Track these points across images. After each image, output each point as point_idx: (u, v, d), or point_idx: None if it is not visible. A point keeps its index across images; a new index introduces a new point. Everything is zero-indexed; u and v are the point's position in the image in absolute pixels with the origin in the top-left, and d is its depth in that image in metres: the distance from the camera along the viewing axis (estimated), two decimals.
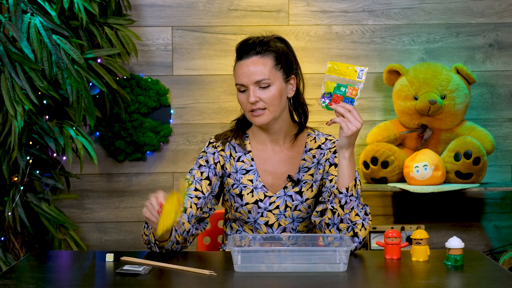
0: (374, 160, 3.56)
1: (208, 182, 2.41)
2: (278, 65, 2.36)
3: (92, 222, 3.75)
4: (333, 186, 2.35)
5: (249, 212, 2.42)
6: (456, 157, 3.54)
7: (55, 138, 3.18)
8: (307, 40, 3.72)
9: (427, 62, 3.69)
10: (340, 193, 2.28)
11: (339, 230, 2.28)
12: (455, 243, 2.12)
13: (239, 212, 2.44)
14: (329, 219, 2.30)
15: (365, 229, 2.29)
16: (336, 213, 2.28)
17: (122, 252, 2.27)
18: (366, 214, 2.30)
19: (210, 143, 2.48)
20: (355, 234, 2.28)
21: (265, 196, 2.42)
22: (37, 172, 3.28)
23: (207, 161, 2.44)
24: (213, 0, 3.70)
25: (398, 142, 3.69)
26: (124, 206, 3.75)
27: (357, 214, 2.28)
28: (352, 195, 2.27)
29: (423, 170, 3.50)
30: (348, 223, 2.28)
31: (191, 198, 2.37)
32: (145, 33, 3.69)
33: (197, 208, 2.37)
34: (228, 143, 2.46)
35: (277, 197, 2.41)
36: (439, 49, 3.76)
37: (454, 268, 2.09)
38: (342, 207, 2.28)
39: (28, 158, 3.22)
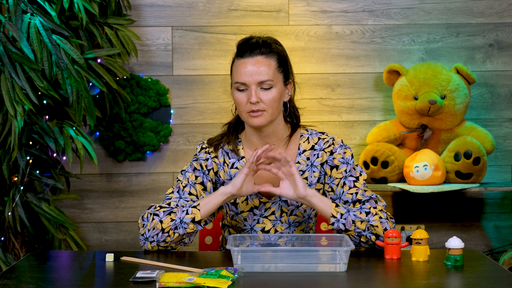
0: (374, 160, 3.56)
1: (202, 187, 2.38)
2: (280, 68, 2.33)
3: (92, 222, 3.75)
4: (343, 192, 2.35)
5: (245, 219, 2.40)
6: (456, 157, 3.54)
7: (55, 138, 3.18)
8: (307, 40, 3.72)
9: (427, 62, 3.69)
10: (332, 223, 2.26)
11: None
12: (455, 243, 2.12)
13: (235, 220, 2.42)
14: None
15: (381, 223, 2.26)
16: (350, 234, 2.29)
17: (122, 252, 2.27)
18: (368, 213, 2.27)
19: (202, 148, 2.42)
20: (377, 236, 2.28)
21: (260, 202, 2.39)
22: (37, 172, 3.28)
23: (201, 166, 2.40)
24: (213, 0, 3.71)
25: (398, 142, 3.69)
26: (124, 206, 3.75)
27: (362, 221, 2.26)
28: (341, 214, 2.25)
29: (423, 170, 3.50)
30: (365, 234, 2.28)
31: (187, 202, 2.34)
32: (145, 33, 3.69)
33: None
34: (221, 149, 2.41)
35: (272, 203, 2.39)
36: (439, 49, 3.76)
37: (454, 268, 2.09)
38: (347, 230, 2.26)
39: (28, 158, 3.22)
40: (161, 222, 2.28)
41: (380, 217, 2.27)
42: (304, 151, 2.40)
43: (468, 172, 3.54)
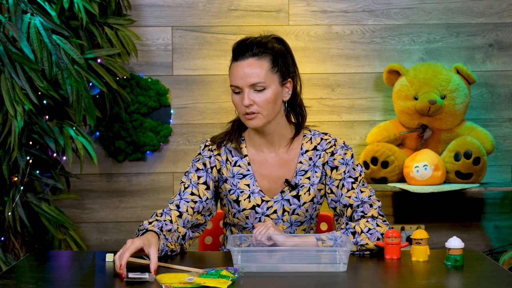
0: (374, 160, 3.56)
1: (205, 186, 2.37)
2: (275, 68, 2.31)
3: (92, 222, 3.75)
4: (341, 194, 2.35)
5: (247, 217, 2.40)
6: (456, 157, 3.54)
7: (55, 138, 3.18)
8: (307, 40, 3.72)
9: (427, 62, 3.70)
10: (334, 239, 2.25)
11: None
12: (455, 243, 2.12)
13: (237, 218, 2.42)
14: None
15: (371, 235, 2.25)
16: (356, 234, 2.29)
17: None
18: (354, 233, 2.26)
19: (206, 146, 2.43)
20: (371, 250, 2.28)
21: (262, 201, 2.39)
22: (37, 172, 3.28)
23: (204, 164, 2.40)
24: (213, 0, 3.71)
25: (398, 142, 3.69)
26: (124, 206, 3.75)
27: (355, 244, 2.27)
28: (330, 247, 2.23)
29: (423, 170, 3.50)
30: (358, 253, 2.28)
31: (187, 202, 2.33)
32: (145, 33, 3.69)
33: (194, 212, 2.34)
34: (224, 147, 2.42)
35: (275, 202, 2.39)
36: (439, 49, 3.76)
37: (454, 268, 2.09)
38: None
39: (28, 158, 3.22)
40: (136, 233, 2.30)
41: (369, 230, 2.26)
42: (306, 151, 2.40)
43: (468, 172, 3.54)
